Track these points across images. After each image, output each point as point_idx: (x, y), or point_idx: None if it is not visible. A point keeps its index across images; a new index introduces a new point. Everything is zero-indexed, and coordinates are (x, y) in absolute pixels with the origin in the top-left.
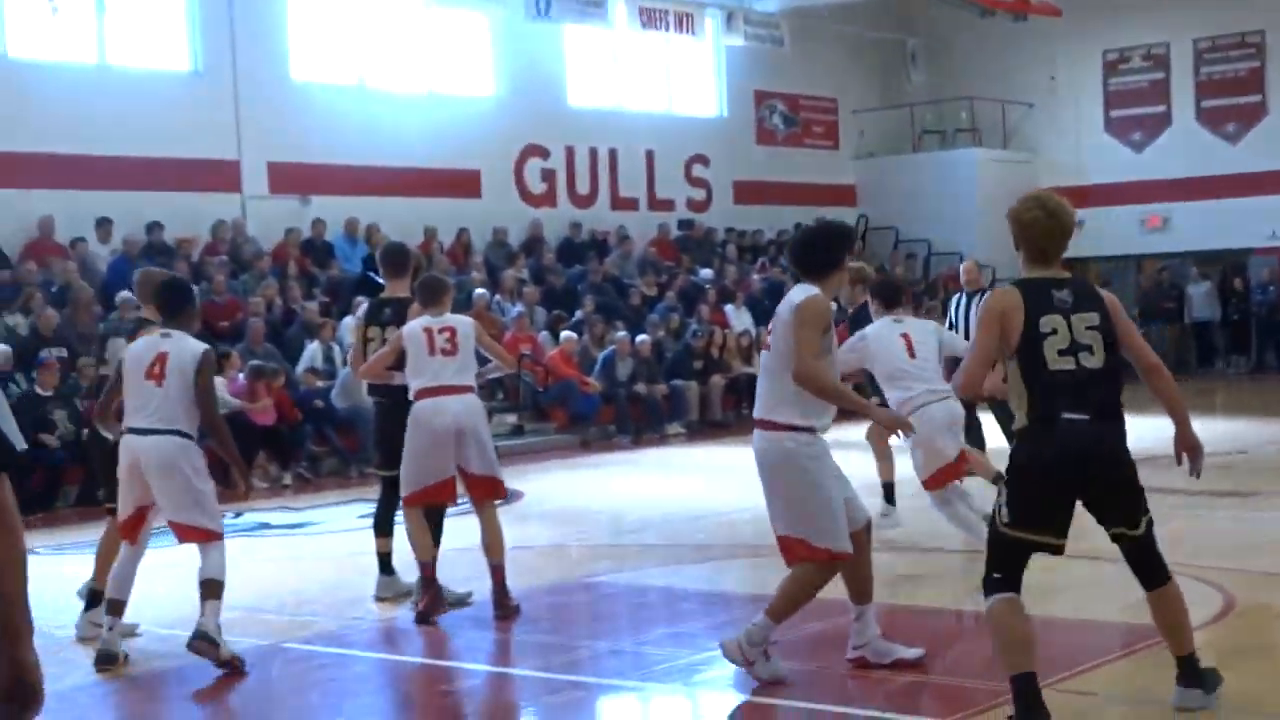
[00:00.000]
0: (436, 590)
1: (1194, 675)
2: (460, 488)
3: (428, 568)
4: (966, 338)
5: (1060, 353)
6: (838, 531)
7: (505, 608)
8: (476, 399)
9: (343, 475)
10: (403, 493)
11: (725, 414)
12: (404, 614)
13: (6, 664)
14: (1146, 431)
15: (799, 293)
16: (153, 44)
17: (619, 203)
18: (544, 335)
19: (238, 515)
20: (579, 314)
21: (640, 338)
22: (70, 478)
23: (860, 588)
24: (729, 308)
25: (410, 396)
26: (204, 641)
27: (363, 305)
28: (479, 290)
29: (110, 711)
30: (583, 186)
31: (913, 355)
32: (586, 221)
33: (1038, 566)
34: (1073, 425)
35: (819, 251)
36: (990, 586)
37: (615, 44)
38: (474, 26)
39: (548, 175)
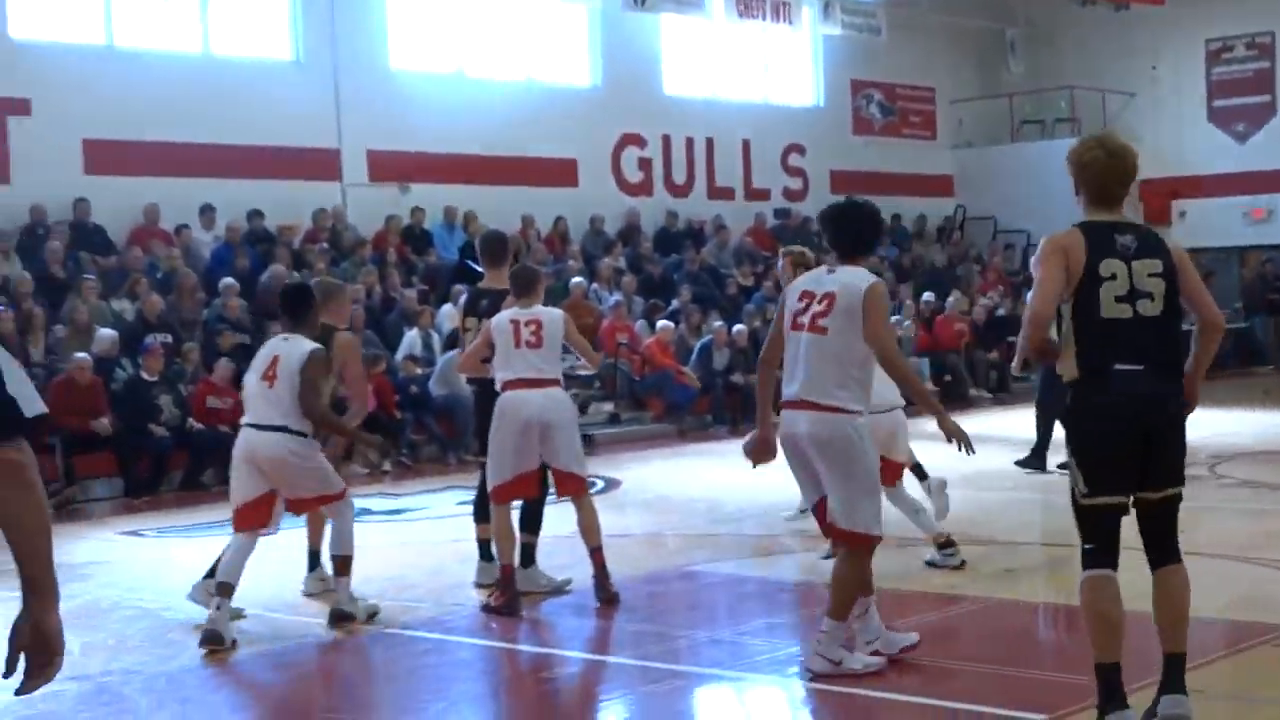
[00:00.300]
0: (514, 593)
1: (1181, 679)
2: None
3: (508, 568)
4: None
5: (1118, 299)
6: (880, 516)
7: (606, 591)
8: (561, 392)
9: (441, 462)
10: (489, 486)
11: None
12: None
13: (31, 625)
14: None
15: (856, 276)
16: (255, 33)
17: (715, 192)
18: (640, 324)
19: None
20: (675, 303)
21: (737, 327)
22: (174, 463)
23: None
24: None
25: (497, 388)
26: (341, 616)
27: (462, 295)
28: (576, 279)
29: (215, 693)
30: (679, 176)
31: None
32: (683, 210)
33: (1141, 562)
34: (1126, 375)
35: (865, 232)
36: (1085, 560)
37: (712, 33)
38: (572, 15)
39: (644, 164)
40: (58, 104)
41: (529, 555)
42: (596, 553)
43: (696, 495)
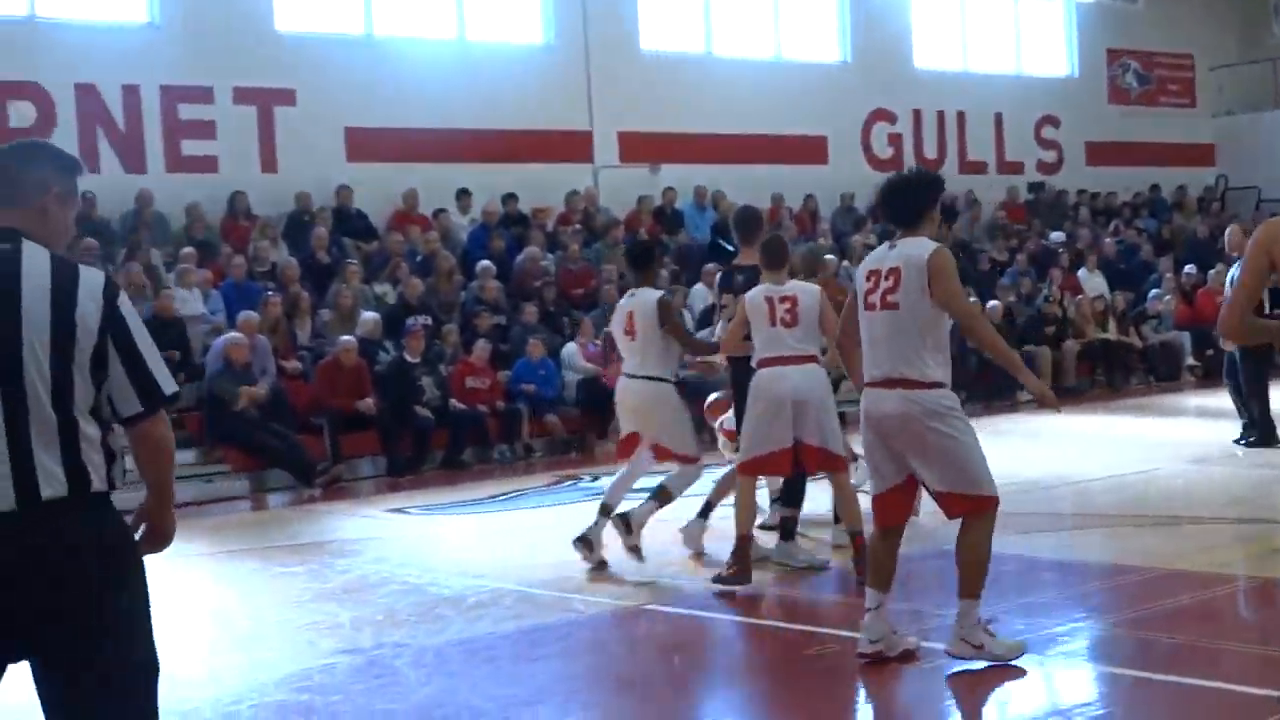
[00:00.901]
0: (746, 565)
1: None
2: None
3: (744, 540)
4: None
5: None
6: (991, 477)
7: (862, 573)
8: (819, 369)
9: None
10: (738, 459)
11: (1079, 380)
12: (766, 579)
13: (155, 525)
14: None
15: (917, 246)
16: (508, 18)
17: (967, 166)
18: None
19: (594, 479)
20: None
21: (991, 303)
22: (436, 441)
23: (891, 574)
24: (1082, 271)
25: (753, 364)
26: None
27: (717, 273)
28: (827, 256)
29: (481, 667)
30: (930, 150)
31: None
32: None
33: None
34: None
35: (919, 200)
36: None
37: (963, 4)
38: None
39: (894, 139)
40: (321, 94)
41: (789, 530)
42: (857, 536)
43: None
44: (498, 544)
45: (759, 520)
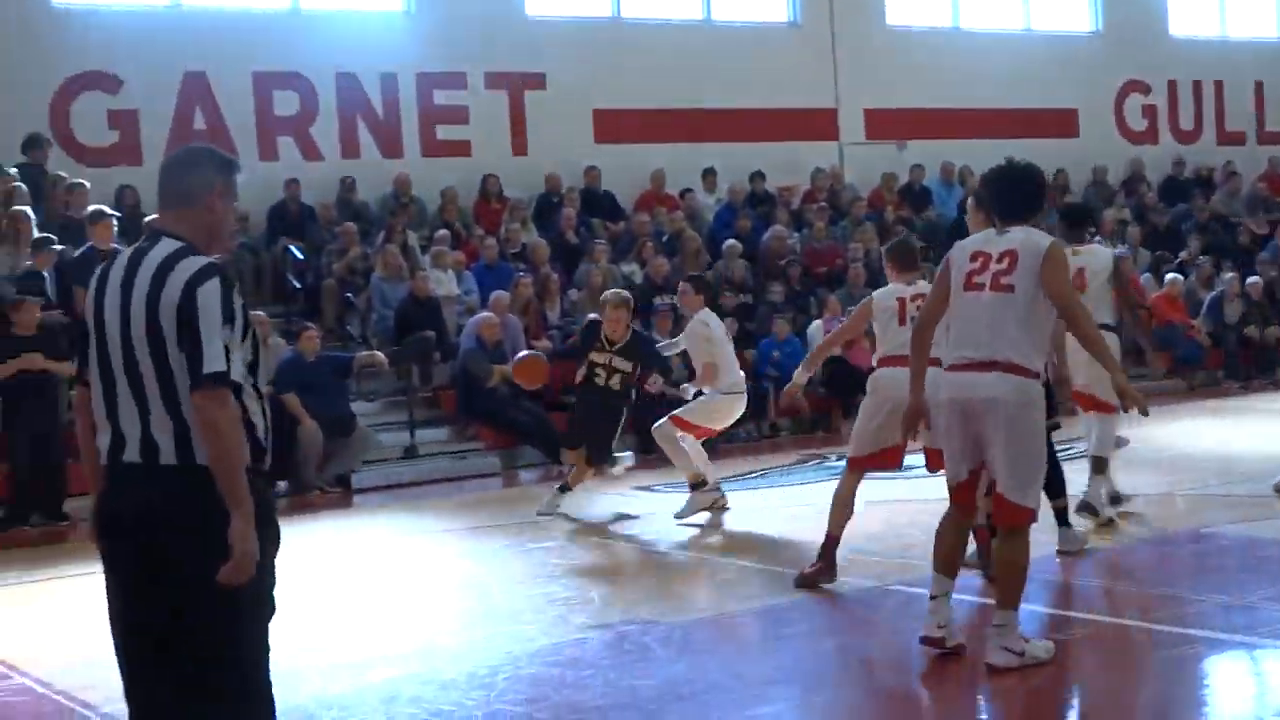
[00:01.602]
0: (828, 564)
1: None
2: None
3: (833, 539)
4: None
5: None
6: (1039, 490)
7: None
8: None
9: None
10: (850, 453)
11: None
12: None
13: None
14: None
15: (1032, 236)
16: None
17: (1225, 137)
18: (1147, 277)
19: (839, 458)
20: (1183, 254)
21: (1251, 279)
22: None
23: (959, 561)
24: None
25: (873, 362)
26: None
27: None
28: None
29: (725, 643)
30: (1186, 121)
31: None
32: (1190, 158)
33: None
34: None
35: (1034, 194)
36: None
37: None
38: None
39: (1149, 110)
40: (569, 77)
41: (1062, 517)
42: (980, 530)
43: (1207, 453)
44: (745, 522)
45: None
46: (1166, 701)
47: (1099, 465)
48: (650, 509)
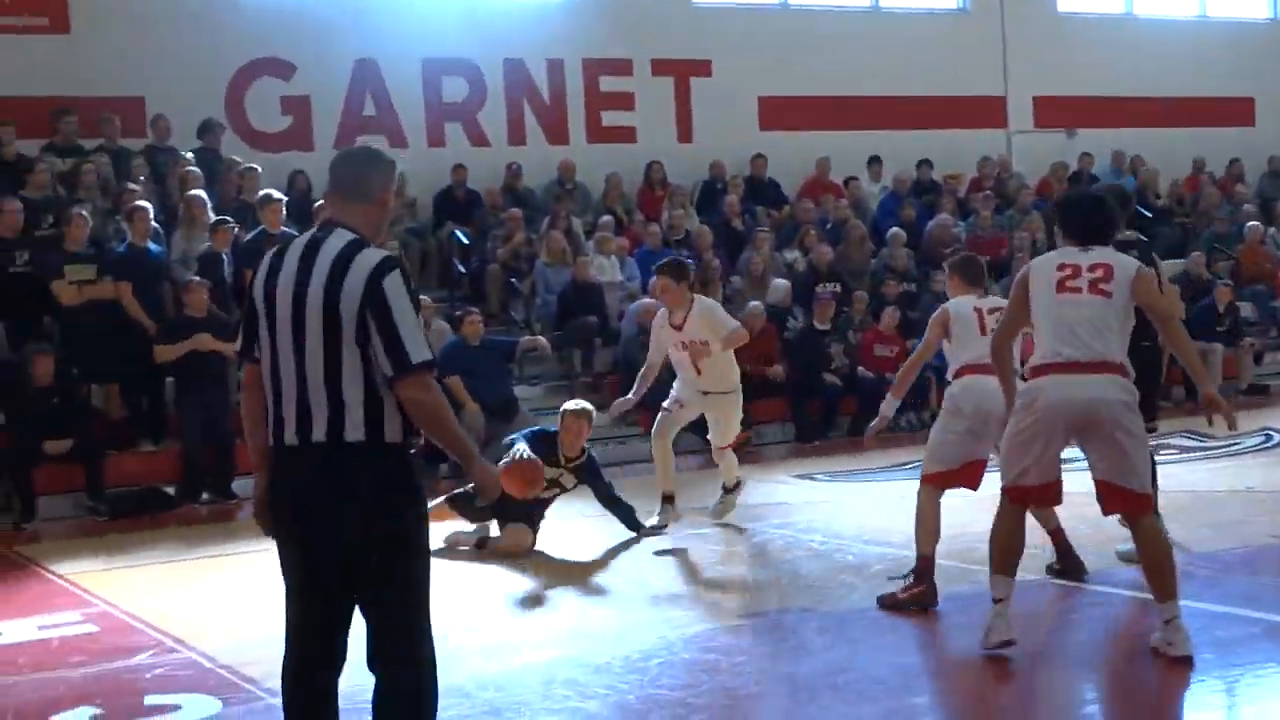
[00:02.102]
0: (932, 588)
1: None
2: None
3: (925, 559)
4: None
5: None
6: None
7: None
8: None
9: None
10: (925, 470)
11: None
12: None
13: (469, 476)
14: None
15: (1122, 258)
16: None
17: None
18: None
19: None
20: None
21: None
22: (844, 408)
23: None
24: None
25: (950, 375)
26: None
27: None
28: (1251, 223)
29: (884, 635)
30: None
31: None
32: None
33: None
34: None
35: (1111, 221)
36: None
37: None
38: None
39: None
40: (735, 64)
41: None
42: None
43: None
44: (902, 512)
45: None
46: None
47: None
48: (807, 497)
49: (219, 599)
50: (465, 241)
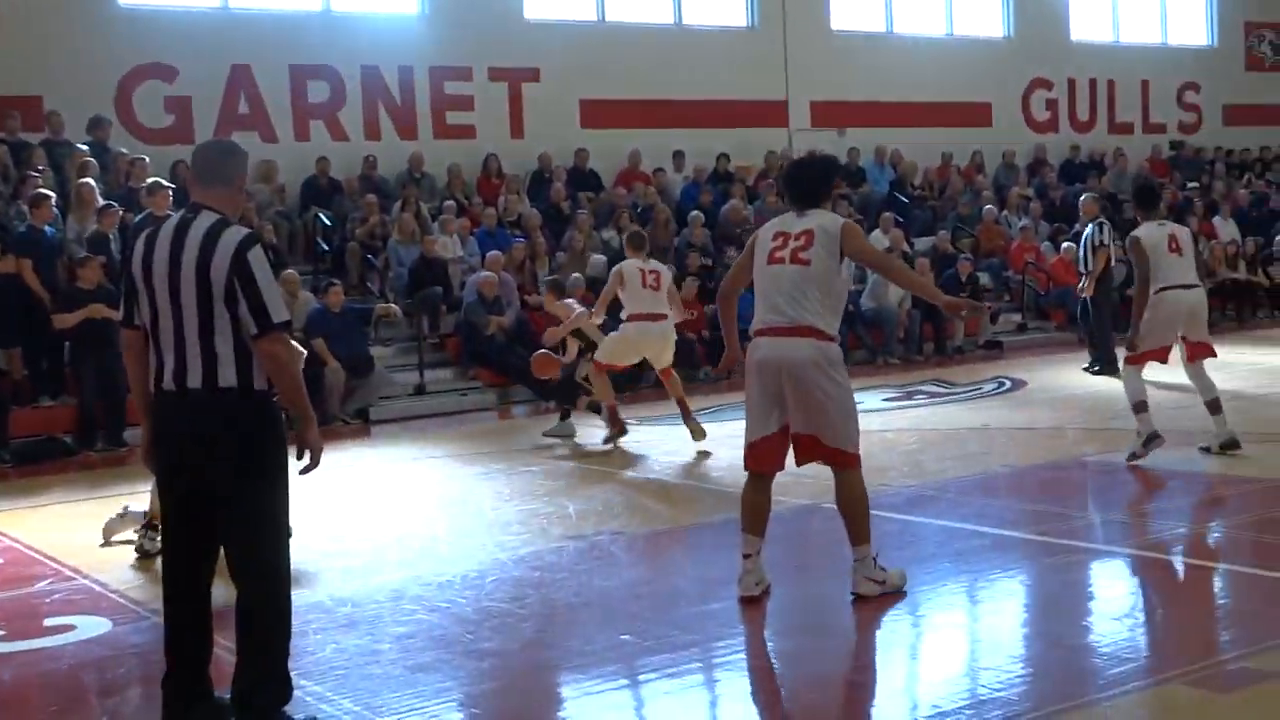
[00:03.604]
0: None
1: None
2: None
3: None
4: (1084, 263)
5: None
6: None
7: None
8: None
9: (869, 364)
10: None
11: (1210, 315)
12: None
13: (298, 437)
14: None
15: (826, 216)
16: (717, 5)
17: (1115, 127)
18: (1046, 245)
19: None
20: (1077, 226)
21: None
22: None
23: (766, 520)
24: (1216, 219)
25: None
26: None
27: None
28: (988, 207)
29: (686, 551)
30: (1083, 114)
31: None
32: (1085, 144)
33: None
34: None
35: (820, 183)
36: None
37: None
38: None
39: (1051, 104)
40: (560, 71)
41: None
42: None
43: (1092, 394)
44: (699, 449)
45: None
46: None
47: (1216, 406)
48: (622, 440)
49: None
50: (328, 223)
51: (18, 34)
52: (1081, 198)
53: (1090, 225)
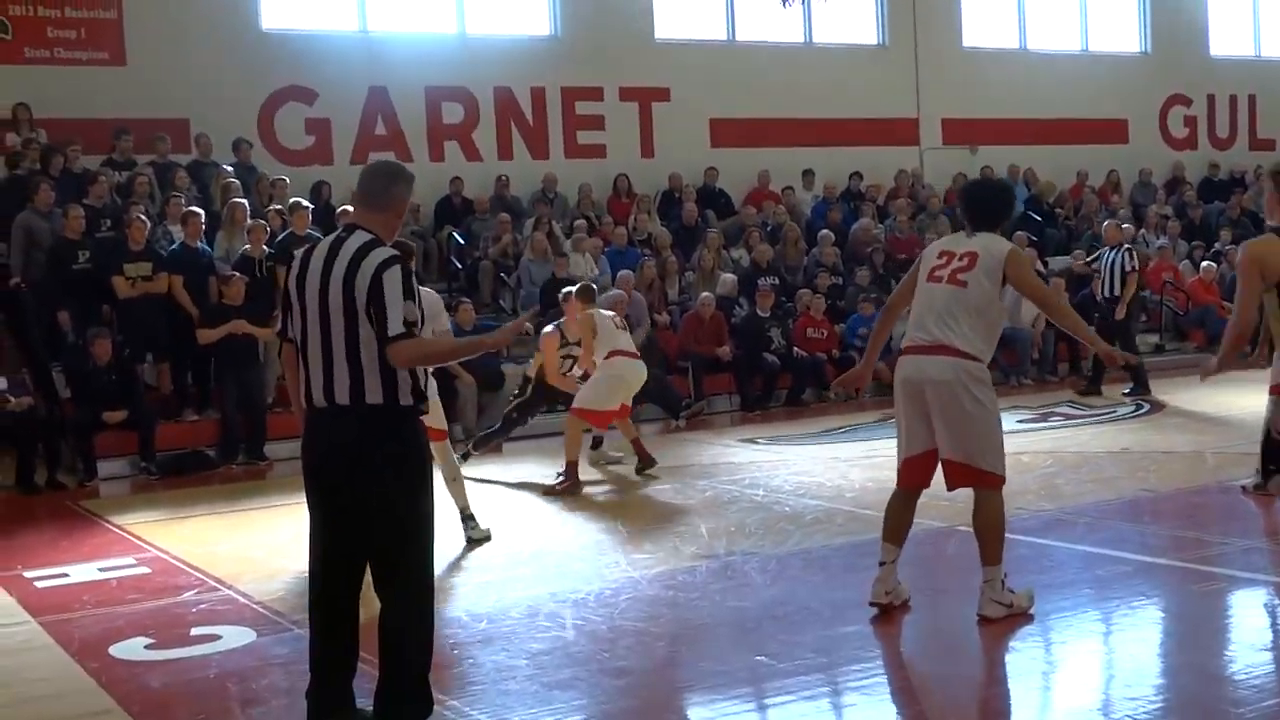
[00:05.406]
0: None
1: None
2: None
3: None
4: (1110, 289)
5: None
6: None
7: None
8: None
9: (1005, 385)
10: None
11: None
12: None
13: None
14: None
15: (995, 240)
16: (848, 23)
17: (1257, 144)
18: (1185, 264)
19: None
20: (1217, 245)
21: None
22: (782, 383)
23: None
24: None
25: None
26: None
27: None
28: (1125, 226)
29: (818, 572)
30: (1222, 130)
31: None
32: (1225, 162)
33: None
34: None
35: (997, 208)
36: None
37: None
38: None
39: (1189, 121)
40: (690, 91)
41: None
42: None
43: (1236, 416)
44: (832, 470)
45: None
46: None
47: None
48: (750, 458)
49: (254, 545)
50: (461, 242)
51: (165, 58)
52: (1105, 224)
53: (1115, 251)
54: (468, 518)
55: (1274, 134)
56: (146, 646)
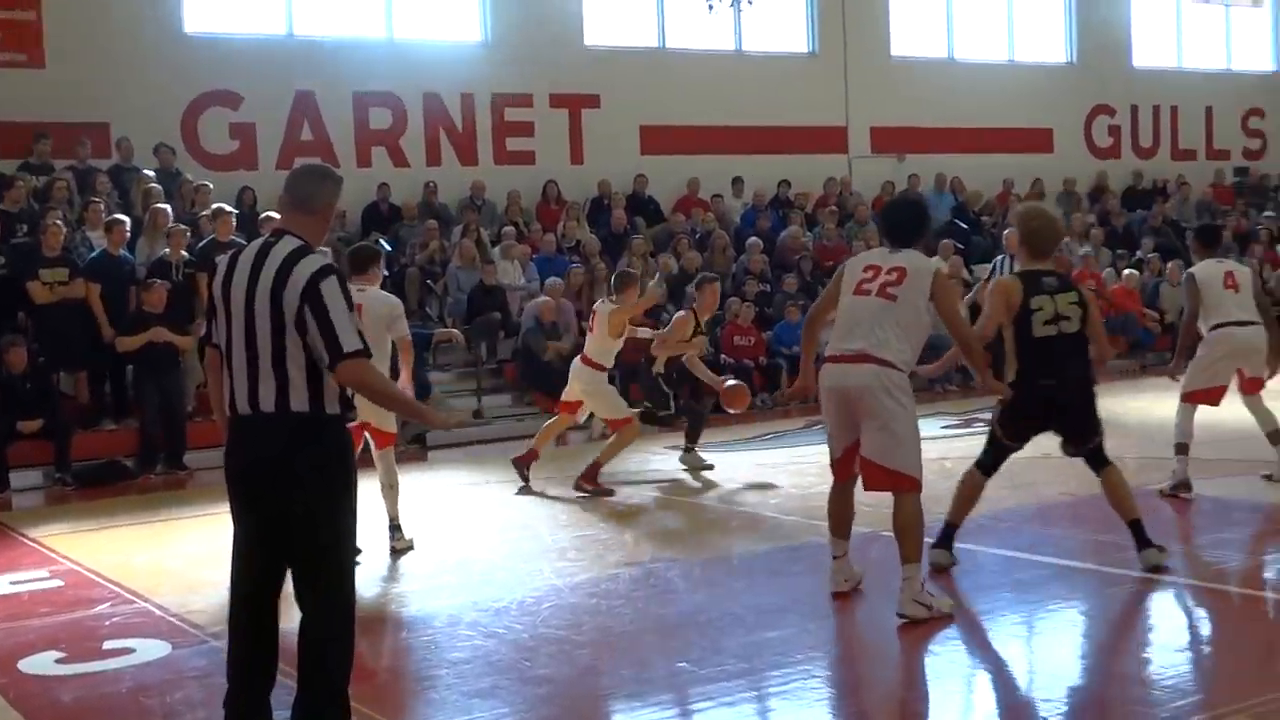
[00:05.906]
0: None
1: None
2: None
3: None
4: None
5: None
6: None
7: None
8: None
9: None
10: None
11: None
12: None
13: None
14: None
15: (921, 258)
16: (777, 31)
17: (1178, 154)
18: (1108, 272)
19: None
20: (1139, 253)
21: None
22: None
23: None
24: None
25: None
26: None
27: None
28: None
29: (741, 578)
30: (1145, 140)
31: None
32: (1148, 171)
33: None
34: None
35: (917, 224)
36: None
37: (1178, 7)
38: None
39: (1113, 130)
40: (620, 98)
41: None
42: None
43: (1155, 423)
44: (757, 476)
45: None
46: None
47: (1276, 436)
48: (675, 465)
49: (172, 557)
50: (388, 249)
51: (85, 60)
52: (1005, 232)
53: (1003, 257)
54: (395, 527)
55: (1195, 144)
56: (57, 660)
